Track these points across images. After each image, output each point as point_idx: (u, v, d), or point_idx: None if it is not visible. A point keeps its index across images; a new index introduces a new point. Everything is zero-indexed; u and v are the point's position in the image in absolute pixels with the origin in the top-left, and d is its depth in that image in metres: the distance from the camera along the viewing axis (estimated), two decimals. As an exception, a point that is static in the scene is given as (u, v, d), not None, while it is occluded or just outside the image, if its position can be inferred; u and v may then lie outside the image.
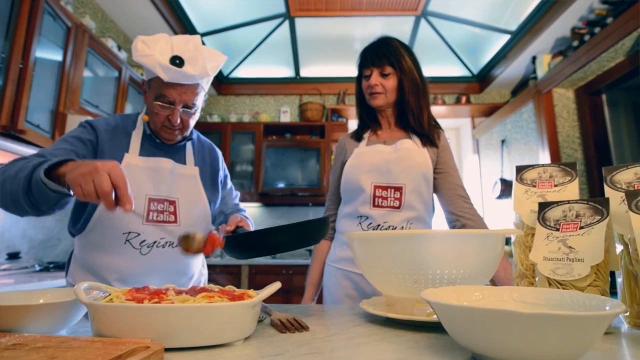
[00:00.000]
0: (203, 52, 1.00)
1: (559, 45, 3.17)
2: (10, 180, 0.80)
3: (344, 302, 1.18)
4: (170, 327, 0.55)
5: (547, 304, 0.58)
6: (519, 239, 0.85)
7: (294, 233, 0.84)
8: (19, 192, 0.78)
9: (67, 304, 0.64)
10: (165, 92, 0.99)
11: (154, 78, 1.01)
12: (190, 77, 0.98)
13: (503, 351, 0.46)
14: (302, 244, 0.86)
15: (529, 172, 0.92)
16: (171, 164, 1.07)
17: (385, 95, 1.23)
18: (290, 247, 0.85)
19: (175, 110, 1.01)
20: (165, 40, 0.99)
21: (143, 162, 1.04)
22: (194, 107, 1.04)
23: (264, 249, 0.85)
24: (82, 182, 0.69)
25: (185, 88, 1.00)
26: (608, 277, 0.71)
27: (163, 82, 0.98)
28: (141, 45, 0.96)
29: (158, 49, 0.96)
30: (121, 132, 1.07)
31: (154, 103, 1.01)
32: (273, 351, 0.56)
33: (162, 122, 1.04)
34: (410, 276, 0.70)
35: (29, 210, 0.82)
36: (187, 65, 0.97)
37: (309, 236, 0.87)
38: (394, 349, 0.57)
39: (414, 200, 1.17)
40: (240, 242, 0.88)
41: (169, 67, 0.95)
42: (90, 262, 1.02)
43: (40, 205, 0.80)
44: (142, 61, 0.95)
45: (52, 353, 0.48)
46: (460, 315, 0.48)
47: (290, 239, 0.84)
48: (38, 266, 2.19)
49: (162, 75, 0.95)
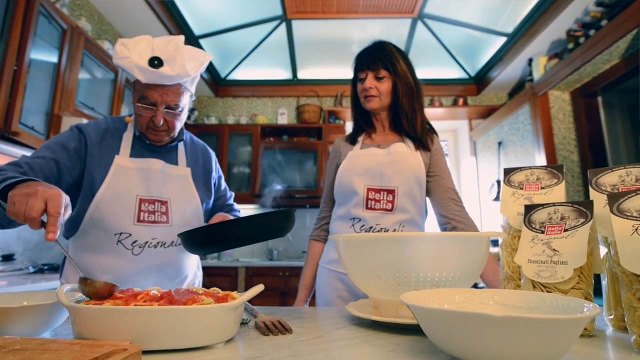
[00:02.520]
0: (183, 52, 0.99)
1: (555, 48, 3.18)
2: None
3: (336, 303, 1.18)
4: (149, 329, 0.55)
5: (527, 306, 0.58)
6: (506, 242, 0.85)
7: (256, 226, 0.82)
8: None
9: (48, 307, 0.64)
10: (146, 94, 0.99)
11: (136, 80, 1.01)
12: (168, 77, 0.97)
13: (479, 354, 0.46)
14: (264, 237, 0.83)
15: (517, 174, 0.92)
16: (162, 164, 1.07)
17: (379, 98, 1.23)
18: (253, 240, 0.82)
19: (157, 111, 1.01)
20: (146, 42, 0.99)
21: (133, 163, 1.04)
22: (178, 107, 1.04)
23: (225, 243, 0.82)
24: (17, 202, 0.70)
25: (167, 89, 0.99)
26: (592, 280, 0.71)
27: (144, 84, 0.98)
28: (120, 47, 0.97)
29: (137, 51, 0.96)
30: (111, 134, 1.07)
31: (137, 105, 1.02)
32: (252, 354, 0.56)
33: (147, 123, 1.03)
34: (393, 279, 0.70)
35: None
36: (165, 66, 0.96)
37: (271, 229, 0.84)
38: (374, 351, 0.57)
39: (407, 203, 1.17)
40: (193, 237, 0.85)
41: (145, 69, 0.95)
42: (84, 263, 1.02)
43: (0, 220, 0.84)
44: (120, 64, 0.96)
45: (29, 355, 0.48)
46: (437, 318, 0.48)
47: (253, 232, 0.82)
48: (32, 268, 2.19)
49: (140, 76, 0.95)
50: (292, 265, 3.52)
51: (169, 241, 1.06)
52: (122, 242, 1.01)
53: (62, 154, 0.98)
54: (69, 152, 1.00)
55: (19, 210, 0.70)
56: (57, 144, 1.00)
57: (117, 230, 1.00)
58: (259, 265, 3.54)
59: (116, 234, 1.00)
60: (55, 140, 1.01)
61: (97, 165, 1.01)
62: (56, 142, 1.00)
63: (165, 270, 1.07)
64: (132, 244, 1.02)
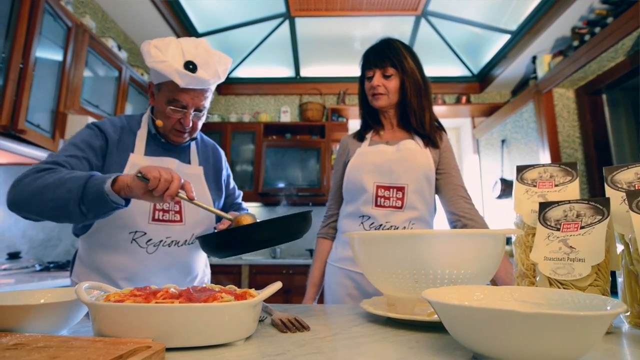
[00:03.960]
0: (213, 56, 1.01)
1: (559, 45, 3.17)
2: (54, 189, 0.85)
3: (345, 301, 1.18)
4: (171, 327, 0.55)
5: (548, 303, 0.58)
6: (520, 239, 0.85)
7: (273, 229, 0.83)
8: (70, 201, 0.84)
9: (68, 304, 0.64)
10: (179, 97, 1.00)
11: (165, 82, 1.00)
12: (205, 82, 0.99)
13: (504, 351, 0.46)
14: (283, 240, 0.85)
15: (530, 171, 0.92)
16: (176, 163, 1.08)
17: (387, 96, 1.23)
18: (271, 243, 0.83)
19: (187, 114, 1.02)
20: (175, 45, 0.99)
21: (148, 162, 1.04)
22: (204, 109, 1.06)
23: (245, 247, 0.84)
24: (161, 169, 0.83)
25: (198, 92, 1.01)
26: (609, 277, 0.71)
27: (176, 87, 0.99)
28: (154, 50, 0.97)
29: (170, 54, 0.97)
30: (127, 133, 1.07)
31: (167, 107, 1.01)
32: (274, 351, 0.56)
33: (173, 125, 1.04)
34: (411, 276, 0.70)
35: (73, 218, 0.87)
36: (200, 70, 0.98)
37: (290, 232, 0.85)
38: (395, 348, 0.57)
39: (416, 201, 1.17)
40: (214, 241, 0.87)
41: (185, 74, 0.96)
42: (96, 261, 1.02)
43: (88, 213, 0.86)
44: (158, 67, 0.95)
45: (54, 353, 0.48)
46: (461, 315, 0.48)
47: (272, 235, 0.83)
48: (38, 266, 2.19)
49: (179, 81, 0.96)
50: (296, 263, 3.53)
51: (182, 240, 1.06)
52: (136, 241, 1.01)
53: (90, 153, 0.99)
54: (95, 151, 1.01)
55: (165, 177, 0.82)
56: (84, 142, 1.00)
57: (132, 229, 1.01)
58: (263, 263, 3.54)
59: (131, 232, 1.01)
60: (80, 138, 1.01)
61: (115, 163, 1.02)
62: (82, 140, 1.00)
63: (177, 268, 1.08)
64: (146, 243, 1.02)
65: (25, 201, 0.87)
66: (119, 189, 0.84)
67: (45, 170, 0.90)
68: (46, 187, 0.86)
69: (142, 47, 0.99)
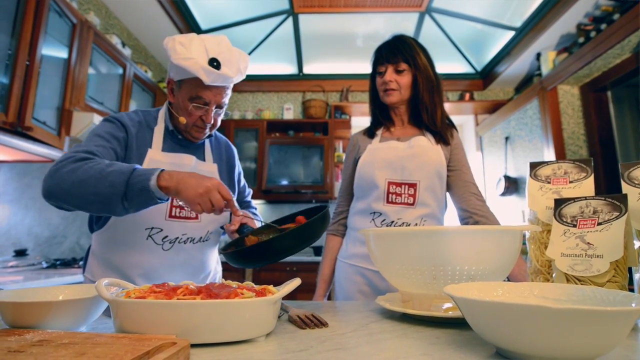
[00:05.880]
0: (235, 53, 1.02)
1: (564, 42, 3.16)
2: (95, 183, 0.83)
3: (356, 298, 1.18)
4: (194, 323, 0.55)
5: (570, 299, 0.58)
6: (534, 235, 0.85)
7: (297, 237, 0.83)
8: (113, 196, 0.83)
9: (88, 301, 0.64)
10: (202, 94, 1.00)
11: (187, 79, 1.00)
12: (229, 79, 0.99)
13: (530, 346, 0.46)
14: (306, 245, 0.85)
15: (543, 168, 0.92)
16: (193, 160, 1.08)
17: (399, 91, 1.23)
18: (295, 250, 0.84)
19: (209, 110, 1.03)
20: (197, 42, 0.99)
21: (166, 158, 1.04)
22: (224, 106, 1.06)
23: (268, 258, 0.85)
24: (201, 202, 0.84)
25: (220, 89, 1.02)
26: (627, 273, 0.71)
27: (200, 84, 0.98)
28: (180, 47, 0.96)
29: (194, 51, 0.96)
30: (144, 128, 1.07)
31: (189, 104, 1.01)
32: (297, 347, 0.56)
33: (194, 121, 1.04)
34: (429, 272, 0.70)
35: (114, 212, 0.86)
36: (224, 67, 0.98)
37: (312, 235, 0.86)
38: (416, 344, 0.57)
39: (428, 198, 1.17)
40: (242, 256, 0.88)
41: (211, 71, 0.95)
42: (112, 258, 1.02)
43: (130, 208, 0.86)
44: (184, 64, 0.95)
45: (80, 349, 0.48)
46: (488, 310, 0.48)
47: (294, 243, 0.84)
48: (45, 263, 2.20)
49: (205, 78, 0.95)
50: (300, 260, 3.53)
51: (197, 237, 1.06)
52: (152, 237, 1.01)
53: (115, 144, 0.99)
54: (120, 142, 1.00)
55: (207, 207, 0.85)
56: (108, 133, 0.99)
57: (149, 225, 1.00)
58: (266, 260, 3.54)
59: (147, 229, 1.00)
60: (103, 130, 1.00)
61: (133, 157, 1.01)
62: (105, 132, 0.99)
63: (191, 265, 1.08)
64: (162, 239, 1.02)
65: (65, 192, 0.84)
66: (165, 185, 0.83)
67: (84, 160, 0.87)
68: (87, 180, 0.83)
69: (166, 44, 0.98)
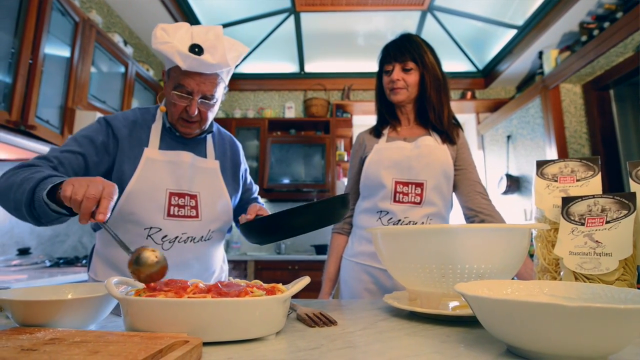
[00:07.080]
0: (223, 42, 0.98)
1: (566, 40, 3.16)
2: (15, 189, 0.82)
3: (362, 296, 1.19)
4: (205, 321, 0.55)
5: (580, 297, 0.58)
6: (541, 234, 0.85)
7: (316, 213, 0.83)
8: (22, 203, 0.80)
9: (98, 299, 0.64)
10: (184, 82, 0.97)
11: (173, 67, 0.99)
12: (209, 65, 0.95)
13: (543, 344, 0.46)
14: (324, 224, 0.85)
15: (550, 166, 0.92)
16: (191, 157, 1.06)
17: (406, 90, 1.23)
18: (312, 227, 0.84)
19: (193, 101, 0.99)
20: (185, 29, 0.97)
21: (163, 156, 1.03)
22: (213, 98, 1.02)
23: (286, 232, 0.84)
24: (76, 184, 0.73)
25: (204, 78, 0.98)
26: (636, 271, 0.71)
27: (181, 72, 0.96)
28: (160, 32, 0.95)
29: (178, 37, 0.94)
30: (140, 126, 1.05)
31: (172, 93, 0.99)
32: (307, 345, 0.56)
33: (180, 113, 1.01)
34: (438, 270, 0.70)
35: (30, 221, 0.84)
36: (206, 54, 0.95)
37: (331, 215, 0.86)
38: (427, 342, 0.57)
39: (435, 197, 1.17)
40: (262, 226, 0.87)
41: (187, 55, 0.93)
42: (113, 257, 1.02)
43: (40, 218, 0.83)
44: (160, 48, 0.93)
45: (93, 347, 0.48)
46: (500, 308, 0.48)
47: (312, 219, 0.84)
48: (48, 262, 2.20)
49: (180, 63, 0.93)
50: (301, 259, 3.53)
51: (198, 236, 1.05)
52: (152, 237, 1.00)
53: (89, 149, 0.98)
54: (96, 147, 0.99)
55: (78, 191, 0.71)
56: (85, 137, 0.99)
57: (147, 225, 0.99)
58: (268, 259, 3.55)
59: (146, 229, 0.99)
60: (84, 133, 1.00)
61: (127, 158, 1.00)
62: (84, 135, 0.99)
63: (194, 265, 1.06)
64: (162, 239, 1.00)
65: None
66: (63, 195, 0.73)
67: (26, 167, 0.87)
68: (11, 186, 0.83)
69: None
